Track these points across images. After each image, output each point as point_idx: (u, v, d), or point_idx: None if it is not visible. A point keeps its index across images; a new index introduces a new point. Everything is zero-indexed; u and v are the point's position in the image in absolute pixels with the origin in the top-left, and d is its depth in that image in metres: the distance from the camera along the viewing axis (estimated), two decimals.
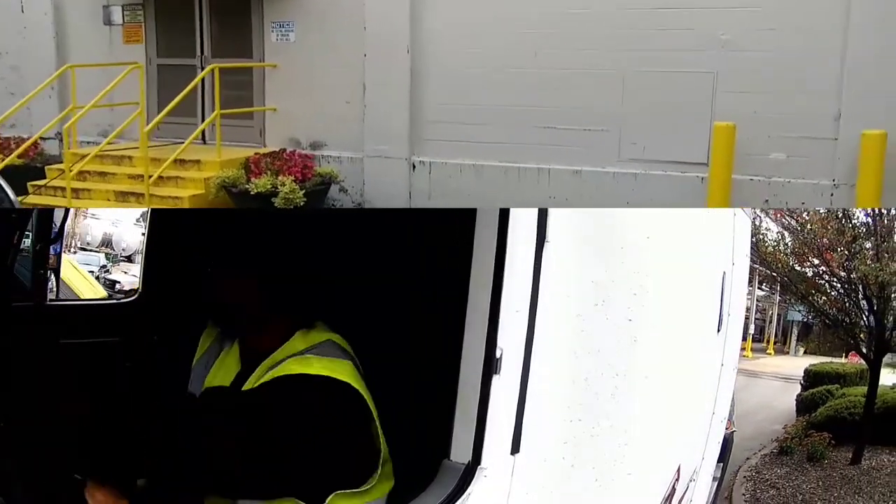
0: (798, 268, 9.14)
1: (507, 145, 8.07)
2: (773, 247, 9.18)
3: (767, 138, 7.05)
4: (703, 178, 7.18)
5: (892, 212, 8.19)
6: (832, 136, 6.87)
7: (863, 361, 8.98)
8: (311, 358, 1.94)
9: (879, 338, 7.92)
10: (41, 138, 9.17)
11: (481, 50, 8.16)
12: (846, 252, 8.16)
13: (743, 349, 22.15)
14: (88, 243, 26.27)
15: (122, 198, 8.33)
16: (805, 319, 21.33)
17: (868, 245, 8.13)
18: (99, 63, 9.59)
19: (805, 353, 27.71)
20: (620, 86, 7.59)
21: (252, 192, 7.78)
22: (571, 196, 7.78)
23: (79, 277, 9.65)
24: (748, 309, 21.43)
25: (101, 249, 26.21)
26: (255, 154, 8.48)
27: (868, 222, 8.24)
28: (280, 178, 7.84)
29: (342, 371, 1.91)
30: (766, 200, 7.29)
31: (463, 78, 8.24)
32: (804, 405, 10.33)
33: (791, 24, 6.95)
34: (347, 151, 8.79)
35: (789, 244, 9.17)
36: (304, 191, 7.83)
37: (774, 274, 9.92)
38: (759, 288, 22.43)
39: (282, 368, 1.94)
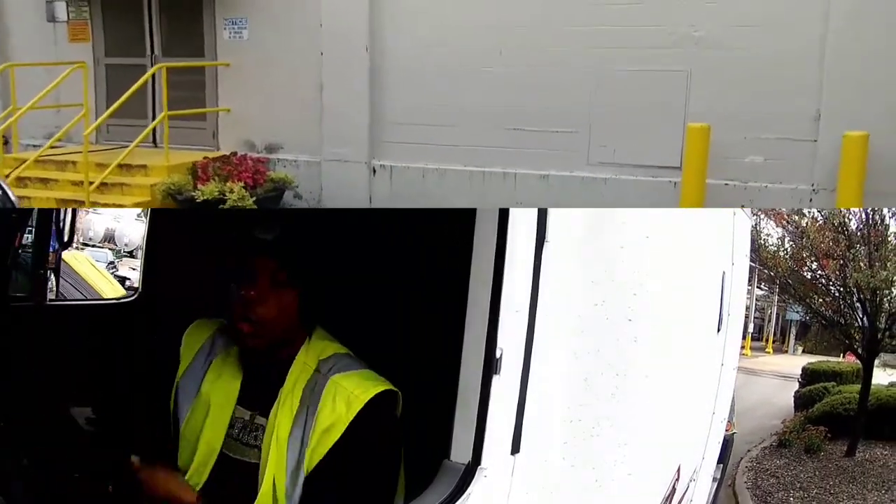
0: (796, 270, 9.46)
1: (471, 148, 7.75)
2: (774, 251, 9.45)
3: (743, 140, 6.75)
4: (675, 183, 6.88)
5: (886, 216, 8.47)
6: (811, 138, 6.56)
7: (858, 360, 9.44)
8: (356, 373, 1.95)
9: (871, 339, 8.34)
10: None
11: (444, 48, 7.77)
12: (841, 259, 8.49)
13: (742, 347, 22.34)
14: (91, 239, 26.23)
15: (64, 206, 7.76)
16: (803, 319, 21.60)
17: (862, 251, 8.40)
18: (41, 62, 9.09)
19: (803, 351, 27.90)
20: (590, 85, 7.24)
21: (198, 200, 7.46)
22: (538, 201, 7.40)
23: (98, 275, 9.48)
24: (748, 308, 21.77)
25: (104, 245, 26.18)
26: (204, 158, 8.02)
27: (862, 229, 8.50)
28: (228, 184, 7.54)
29: (385, 381, 1.95)
30: (742, 206, 6.91)
31: (425, 77, 7.86)
32: (802, 401, 10.89)
33: (768, 19, 6.62)
34: (305, 155, 8.43)
35: (788, 248, 9.47)
36: (255, 197, 7.59)
37: (773, 275, 10.25)
38: (758, 287, 22.59)
39: (338, 389, 1.91)
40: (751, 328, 25.57)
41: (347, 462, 1.84)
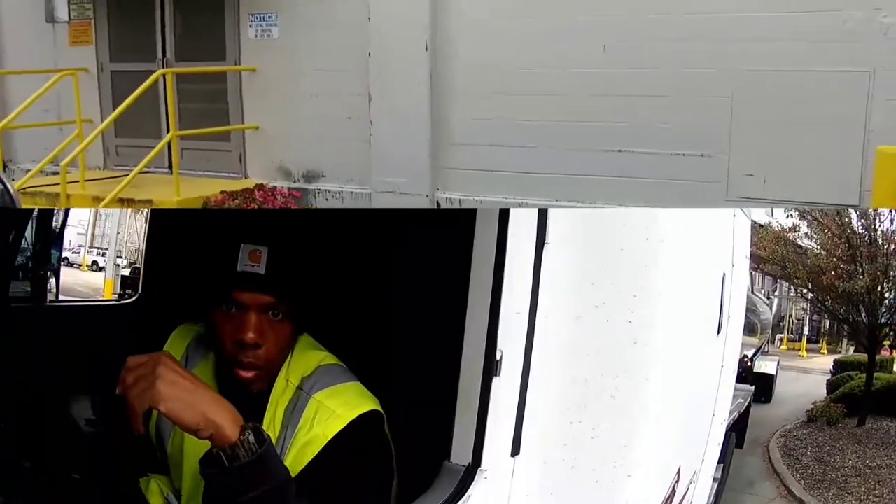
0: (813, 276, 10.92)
1: (564, 177, 5.93)
2: (813, 259, 10.65)
3: None
4: None
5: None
6: None
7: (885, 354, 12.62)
8: (341, 388, 1.84)
9: (871, 333, 10.16)
10: None
11: (528, 45, 5.96)
12: (845, 273, 9.84)
13: (798, 350, 24.98)
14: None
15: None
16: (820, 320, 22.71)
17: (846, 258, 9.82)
18: (31, 70, 7.63)
19: (854, 351, 28.62)
20: (728, 93, 5.37)
21: None
22: None
23: None
24: (804, 311, 22.64)
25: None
26: (221, 193, 6.45)
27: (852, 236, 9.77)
28: None
29: (372, 398, 1.86)
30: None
31: (503, 84, 6.09)
32: (831, 387, 12.87)
33: None
34: (351, 184, 6.75)
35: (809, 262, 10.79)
36: None
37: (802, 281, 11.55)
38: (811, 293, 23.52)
39: (319, 407, 1.80)
40: (806, 331, 27.24)
41: (324, 480, 1.73)
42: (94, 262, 25.22)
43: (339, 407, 1.79)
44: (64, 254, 24.37)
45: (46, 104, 7.41)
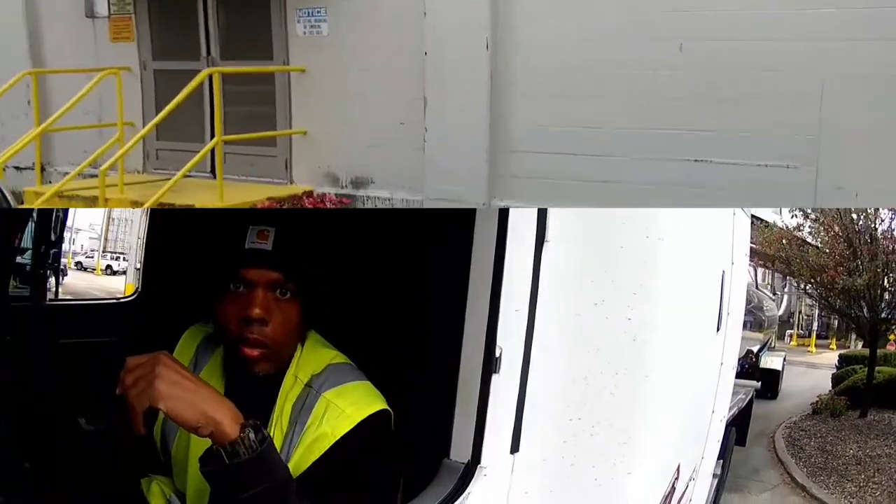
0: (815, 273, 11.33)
1: (632, 187, 5.41)
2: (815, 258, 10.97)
3: None
4: None
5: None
6: None
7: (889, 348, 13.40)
8: (351, 387, 1.84)
9: (873, 327, 10.56)
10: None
11: (597, 44, 5.46)
12: (845, 271, 10.23)
13: (807, 345, 25.19)
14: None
15: None
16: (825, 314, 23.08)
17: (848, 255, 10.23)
18: (69, 69, 7.25)
19: (862, 346, 28.86)
20: (816, 97, 4.80)
21: None
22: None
23: None
24: (811, 307, 23.04)
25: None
26: (268, 200, 6.29)
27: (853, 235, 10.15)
28: None
29: (380, 398, 1.86)
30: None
31: (569, 86, 5.59)
32: (835, 381, 13.19)
33: None
34: (402, 192, 6.33)
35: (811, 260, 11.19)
36: None
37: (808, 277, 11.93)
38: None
39: (329, 406, 1.79)
40: (815, 326, 27.61)
41: (330, 478, 1.73)
42: (109, 266, 25.28)
43: (348, 406, 1.79)
44: (77, 258, 24.51)
45: (87, 105, 7.06)
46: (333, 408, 1.79)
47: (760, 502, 7.00)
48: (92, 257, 26.37)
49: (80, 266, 24.59)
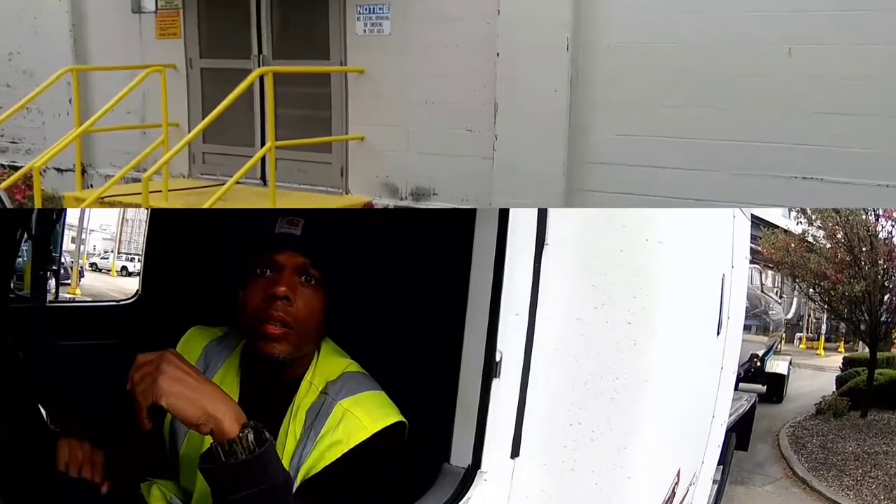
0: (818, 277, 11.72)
1: (727, 205, 4.12)
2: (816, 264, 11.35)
3: None
4: None
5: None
6: None
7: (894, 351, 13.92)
8: (367, 397, 1.85)
9: (874, 330, 10.89)
10: (36, 170, 5.99)
11: (692, 47, 4.85)
12: (844, 277, 10.58)
13: (816, 348, 25.29)
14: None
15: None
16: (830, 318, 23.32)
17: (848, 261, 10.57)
18: (113, 66, 6.95)
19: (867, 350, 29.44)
20: None
21: None
22: None
23: None
24: (820, 311, 23.37)
25: None
26: None
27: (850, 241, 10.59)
28: None
29: (395, 409, 1.86)
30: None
31: (656, 92, 5.01)
32: (839, 382, 13.56)
33: None
34: (467, 204, 5.81)
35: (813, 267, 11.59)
36: None
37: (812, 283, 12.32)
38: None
39: (346, 415, 1.80)
40: (824, 329, 27.73)
41: (340, 485, 1.75)
42: (124, 268, 25.33)
43: (365, 416, 1.80)
44: (92, 259, 24.60)
45: (130, 104, 6.69)
46: (350, 416, 1.80)
47: (764, 494, 7.46)
48: (107, 258, 26.47)
49: (94, 267, 24.72)
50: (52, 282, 3.89)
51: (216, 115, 5.70)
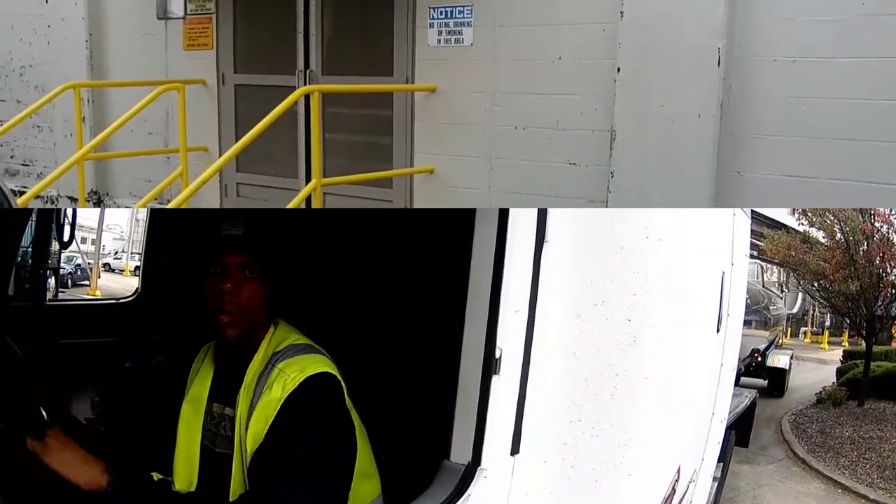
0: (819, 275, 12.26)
1: None
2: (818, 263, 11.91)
3: None
4: None
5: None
6: None
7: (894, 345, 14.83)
8: (302, 358, 1.98)
9: (870, 324, 11.57)
10: (23, 204, 4.98)
11: (874, 62, 3.70)
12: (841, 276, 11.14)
13: (820, 343, 25.90)
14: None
15: None
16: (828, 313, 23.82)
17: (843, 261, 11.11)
18: (129, 81, 6.00)
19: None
20: None
21: None
22: None
23: None
24: (824, 306, 23.81)
25: None
26: None
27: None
28: None
29: (329, 365, 1.98)
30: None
31: (827, 123, 3.83)
32: (839, 374, 14.21)
33: None
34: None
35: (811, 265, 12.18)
36: None
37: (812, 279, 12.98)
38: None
39: (279, 374, 1.95)
40: (828, 323, 28.09)
41: (283, 444, 1.86)
42: (138, 267, 25.25)
43: (294, 372, 1.93)
44: (105, 259, 24.68)
45: (152, 126, 6.01)
46: (282, 374, 1.95)
47: (767, 472, 8.42)
48: (120, 259, 26.53)
49: (108, 268, 24.81)
50: (52, 281, 3.87)
51: (250, 139, 4.67)
